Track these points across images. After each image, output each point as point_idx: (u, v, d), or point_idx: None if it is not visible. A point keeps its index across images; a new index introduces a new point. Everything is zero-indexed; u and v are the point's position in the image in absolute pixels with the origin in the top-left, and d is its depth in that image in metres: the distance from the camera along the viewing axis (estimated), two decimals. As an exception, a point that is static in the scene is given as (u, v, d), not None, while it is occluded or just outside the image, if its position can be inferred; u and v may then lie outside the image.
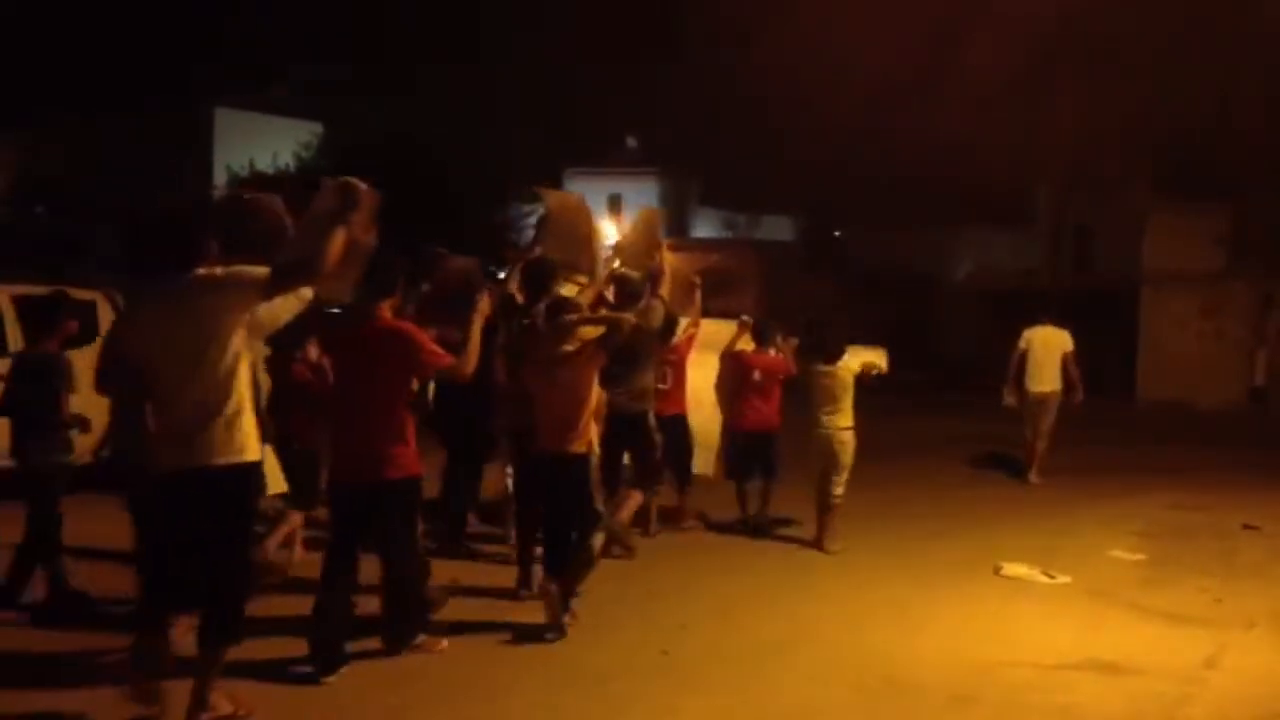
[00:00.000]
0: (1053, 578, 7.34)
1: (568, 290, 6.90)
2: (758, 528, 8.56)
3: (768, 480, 8.68)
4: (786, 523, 8.74)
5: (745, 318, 8.91)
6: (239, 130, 35.19)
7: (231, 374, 4.40)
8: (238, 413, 4.41)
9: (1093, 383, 12.76)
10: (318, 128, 32.44)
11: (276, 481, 6.45)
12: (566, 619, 5.85)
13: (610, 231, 40.04)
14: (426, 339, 5.41)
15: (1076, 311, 22.79)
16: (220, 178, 31.95)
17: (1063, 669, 5.54)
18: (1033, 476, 11.42)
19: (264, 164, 29.69)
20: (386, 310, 5.37)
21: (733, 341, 8.72)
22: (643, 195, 46.68)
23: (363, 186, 4.82)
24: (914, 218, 32.11)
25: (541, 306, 6.32)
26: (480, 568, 7.21)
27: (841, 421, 8.10)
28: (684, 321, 8.20)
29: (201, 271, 4.44)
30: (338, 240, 4.51)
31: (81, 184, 28.91)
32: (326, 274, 4.56)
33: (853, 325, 10.02)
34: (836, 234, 37.68)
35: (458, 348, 5.50)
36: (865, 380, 8.23)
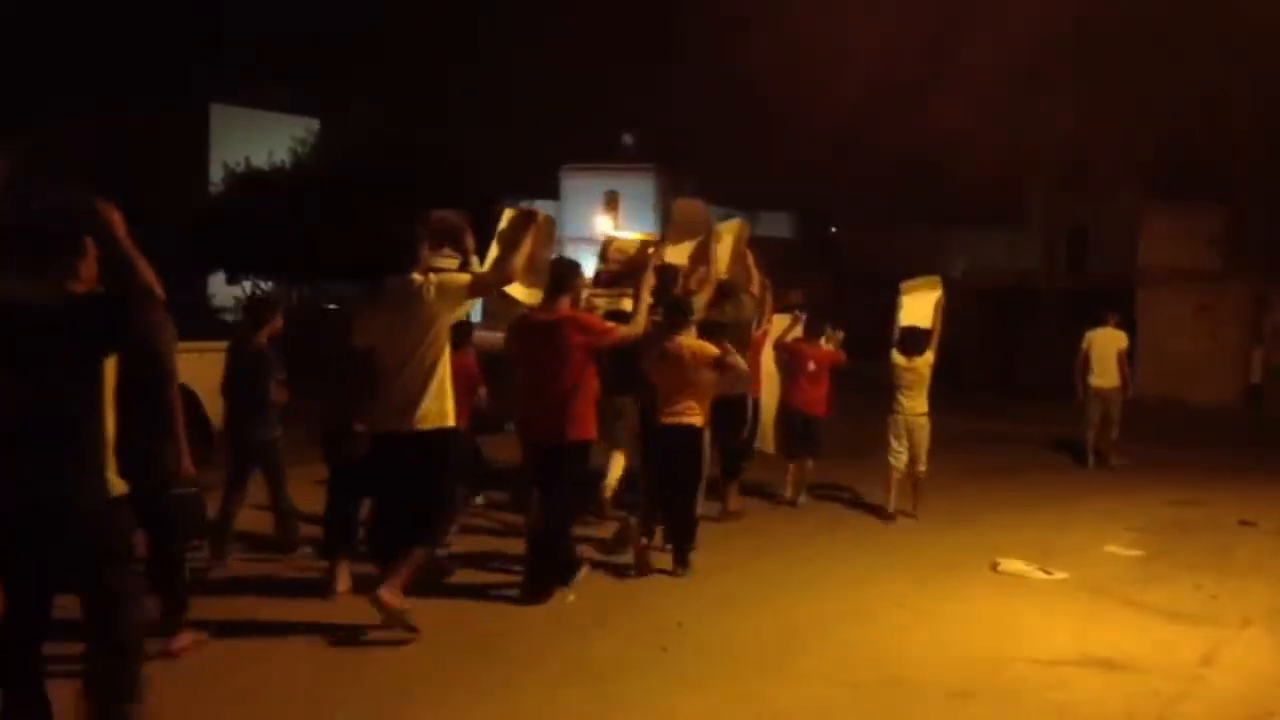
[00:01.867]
0: (1050, 574, 7.36)
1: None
2: (798, 501, 9.60)
3: (811, 458, 9.60)
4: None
5: (799, 312, 9.73)
6: (235, 127, 35.13)
7: (439, 360, 5.58)
8: (442, 389, 5.58)
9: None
10: (314, 124, 32.39)
11: None
12: (683, 569, 7.06)
13: (607, 227, 40.00)
14: (597, 320, 6.74)
15: (1072, 312, 22.92)
16: (217, 175, 31.89)
17: (1059, 665, 5.55)
18: (1114, 460, 12.47)
19: (260, 161, 29.64)
20: (565, 303, 6.51)
21: (786, 332, 9.58)
22: (639, 192, 46.79)
23: (542, 213, 6.39)
24: (910, 216, 32.14)
25: (660, 306, 7.43)
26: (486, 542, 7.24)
27: (919, 407, 9.18)
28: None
29: (418, 276, 5.58)
30: (522, 255, 5.94)
31: (77, 181, 28.83)
32: (514, 281, 6.04)
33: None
34: (833, 230, 37.73)
35: (625, 316, 6.99)
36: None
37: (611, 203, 46.47)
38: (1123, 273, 23.28)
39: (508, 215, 6.45)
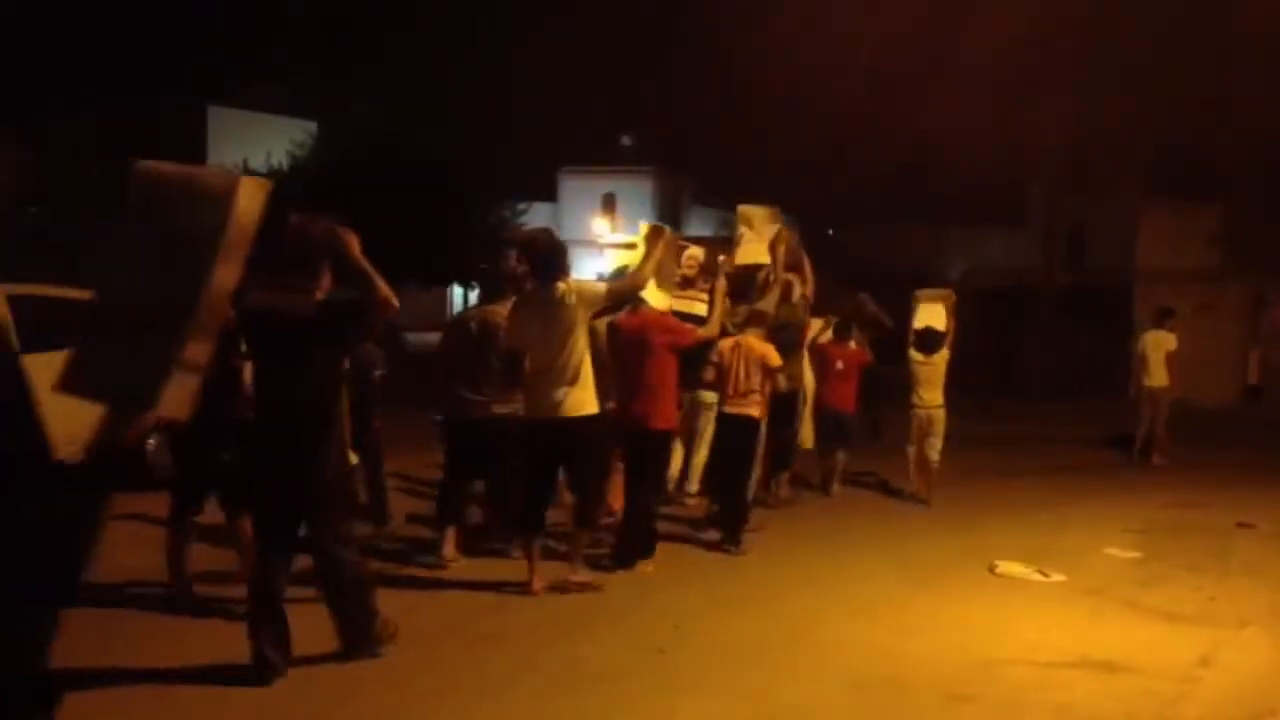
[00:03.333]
0: (1048, 576, 7.36)
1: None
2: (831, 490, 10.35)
3: (843, 448, 10.37)
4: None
5: (832, 316, 10.43)
6: (232, 128, 35.10)
7: (581, 356, 6.41)
8: (585, 381, 6.43)
9: (1086, 380, 12.96)
10: (312, 126, 32.35)
11: None
12: (744, 547, 7.88)
13: (604, 230, 40.04)
14: (677, 322, 7.51)
15: (1070, 310, 22.93)
16: (214, 176, 31.82)
17: (1058, 667, 5.55)
18: (1156, 458, 12.94)
19: (258, 163, 29.59)
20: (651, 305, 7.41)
21: (818, 334, 10.16)
22: (637, 194, 46.77)
23: (668, 230, 7.38)
24: (908, 216, 32.11)
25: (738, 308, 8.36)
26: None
27: (936, 399, 10.00)
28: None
29: (562, 285, 6.42)
30: (653, 264, 6.90)
31: (74, 183, 28.79)
32: (645, 287, 7.03)
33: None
34: (830, 232, 37.68)
35: (698, 319, 7.79)
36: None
37: (609, 205, 46.44)
38: (1121, 272, 23.27)
39: (643, 229, 7.40)
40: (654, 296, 7.41)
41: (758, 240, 8.78)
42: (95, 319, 4.49)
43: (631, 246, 9.55)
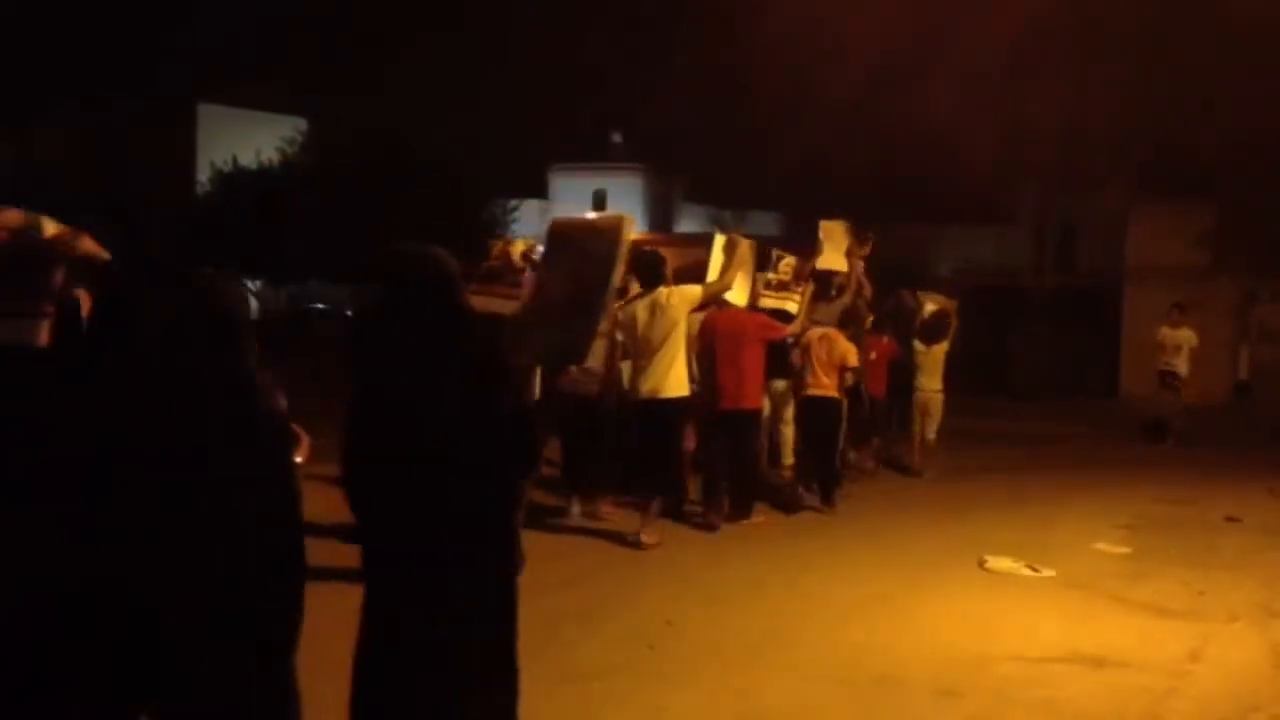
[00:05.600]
0: (1037, 571, 7.38)
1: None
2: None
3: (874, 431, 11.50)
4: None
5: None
6: (222, 126, 35.03)
7: (679, 348, 7.79)
8: (680, 369, 7.81)
9: (1076, 379, 13.00)
10: (302, 123, 32.32)
11: None
12: (839, 500, 9.35)
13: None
14: (768, 319, 8.91)
15: (1060, 309, 22.99)
16: (204, 173, 31.82)
17: (1047, 662, 5.56)
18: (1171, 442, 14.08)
19: (248, 160, 29.57)
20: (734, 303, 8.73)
21: None
22: (628, 192, 46.79)
23: (743, 240, 8.78)
24: (898, 215, 32.14)
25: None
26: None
27: (935, 385, 11.41)
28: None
29: (664, 290, 7.80)
30: (735, 270, 8.26)
31: (65, 180, 28.73)
32: (730, 289, 8.33)
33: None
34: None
35: (788, 316, 9.24)
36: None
37: (599, 203, 46.45)
38: (1111, 270, 23.33)
39: (719, 242, 8.79)
40: (735, 295, 8.66)
41: (835, 250, 10.07)
42: (533, 311, 7.04)
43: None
